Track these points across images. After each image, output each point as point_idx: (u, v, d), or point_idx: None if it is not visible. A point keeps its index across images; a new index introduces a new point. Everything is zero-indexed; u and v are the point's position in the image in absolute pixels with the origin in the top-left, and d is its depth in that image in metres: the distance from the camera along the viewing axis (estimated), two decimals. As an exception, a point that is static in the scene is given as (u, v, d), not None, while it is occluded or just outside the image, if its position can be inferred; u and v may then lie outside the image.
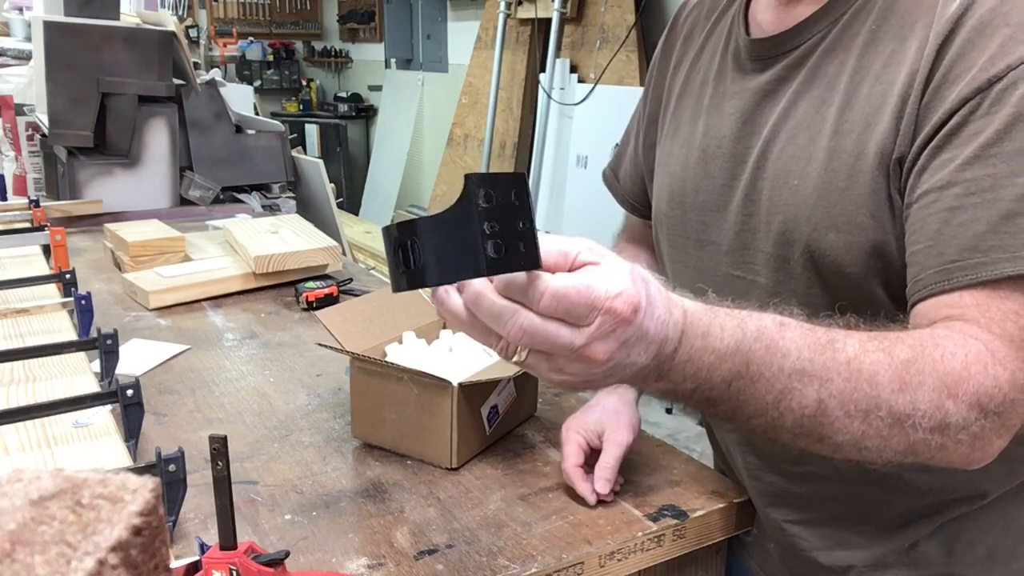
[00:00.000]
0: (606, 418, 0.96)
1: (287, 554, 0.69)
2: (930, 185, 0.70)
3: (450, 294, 0.57)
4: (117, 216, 2.17)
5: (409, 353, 1.08)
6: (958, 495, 0.82)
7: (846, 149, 0.76)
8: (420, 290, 0.61)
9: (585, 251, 0.56)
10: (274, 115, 6.69)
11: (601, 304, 0.54)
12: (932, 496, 0.82)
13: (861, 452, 0.65)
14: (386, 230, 0.56)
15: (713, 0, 0.98)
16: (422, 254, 0.54)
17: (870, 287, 0.76)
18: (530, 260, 0.54)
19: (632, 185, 1.10)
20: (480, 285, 0.55)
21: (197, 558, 0.70)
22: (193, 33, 6.26)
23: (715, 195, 0.88)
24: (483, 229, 0.52)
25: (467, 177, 0.53)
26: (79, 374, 1.09)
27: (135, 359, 1.27)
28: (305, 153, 3.11)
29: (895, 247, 0.74)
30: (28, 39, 3.37)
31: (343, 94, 7.54)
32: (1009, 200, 0.66)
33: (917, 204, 0.71)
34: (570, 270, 0.56)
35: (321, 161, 2.41)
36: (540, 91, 4.19)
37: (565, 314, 0.54)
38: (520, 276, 0.54)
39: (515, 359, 0.58)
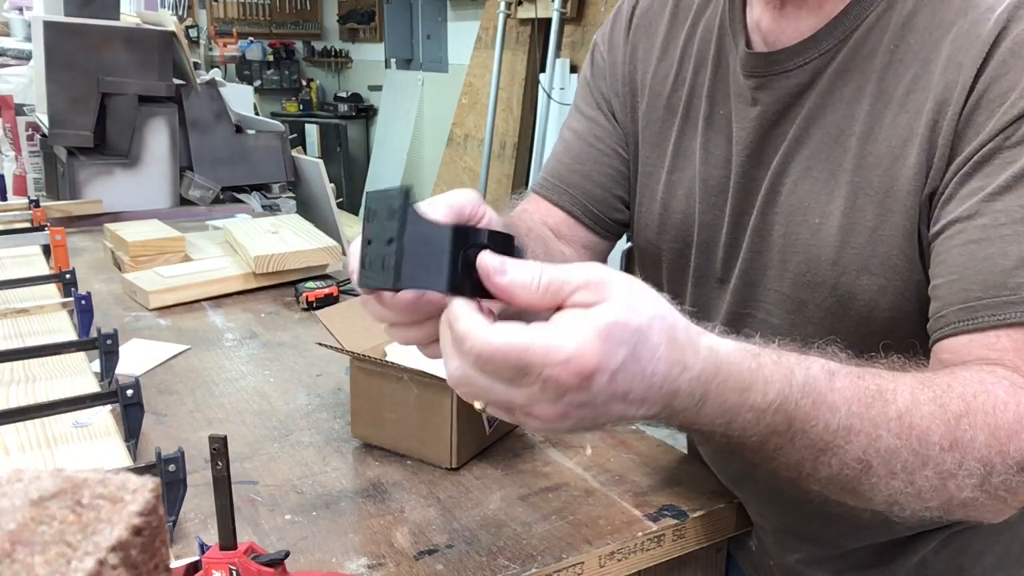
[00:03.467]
0: None
1: (287, 554, 0.69)
2: (956, 215, 0.64)
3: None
4: (117, 216, 2.17)
5: (409, 353, 1.08)
6: None
7: (872, 185, 0.70)
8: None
9: (583, 290, 0.49)
10: (274, 115, 6.69)
11: (537, 371, 0.47)
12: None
13: (892, 507, 0.59)
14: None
15: None
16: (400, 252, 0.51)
17: (903, 330, 0.70)
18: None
19: (602, 191, 0.93)
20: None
21: (197, 558, 0.70)
22: (193, 33, 6.27)
23: (718, 231, 0.82)
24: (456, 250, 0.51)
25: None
26: (79, 374, 1.09)
27: (135, 359, 1.27)
28: (305, 153, 3.11)
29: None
30: (28, 39, 3.37)
31: (343, 94, 7.54)
32: None
33: (942, 235, 0.65)
34: (560, 308, 0.49)
35: (321, 161, 2.41)
36: (540, 91, 4.19)
37: (494, 374, 0.48)
38: (455, 317, 0.50)
39: (477, 407, 0.52)
